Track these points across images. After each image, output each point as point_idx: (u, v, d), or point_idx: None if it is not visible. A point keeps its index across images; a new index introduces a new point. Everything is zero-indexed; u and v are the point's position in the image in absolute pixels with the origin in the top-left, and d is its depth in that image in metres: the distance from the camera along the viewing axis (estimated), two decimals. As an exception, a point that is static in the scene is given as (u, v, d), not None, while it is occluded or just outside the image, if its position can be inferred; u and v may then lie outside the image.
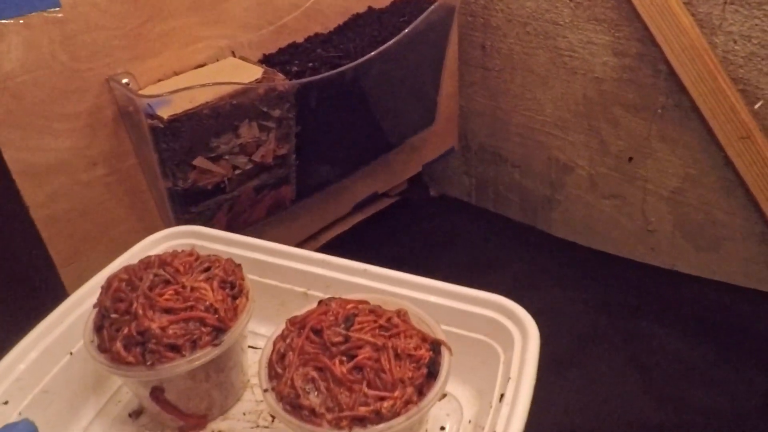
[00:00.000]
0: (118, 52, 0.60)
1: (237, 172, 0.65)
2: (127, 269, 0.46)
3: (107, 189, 0.64)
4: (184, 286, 0.44)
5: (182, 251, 0.48)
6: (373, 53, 0.67)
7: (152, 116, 0.56)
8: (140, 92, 0.60)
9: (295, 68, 0.67)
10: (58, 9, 0.54)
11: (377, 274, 0.52)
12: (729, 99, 0.77)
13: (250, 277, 0.50)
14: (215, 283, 0.45)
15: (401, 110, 0.82)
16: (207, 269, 0.46)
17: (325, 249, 0.95)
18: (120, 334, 0.43)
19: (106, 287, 0.46)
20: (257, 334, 0.54)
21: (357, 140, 0.78)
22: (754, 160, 0.79)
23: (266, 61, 0.69)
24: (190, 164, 0.61)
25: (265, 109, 0.63)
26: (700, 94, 0.79)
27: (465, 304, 0.48)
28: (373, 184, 0.93)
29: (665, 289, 0.94)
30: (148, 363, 0.42)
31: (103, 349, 0.44)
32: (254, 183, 0.68)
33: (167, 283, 0.44)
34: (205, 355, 0.43)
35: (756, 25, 0.74)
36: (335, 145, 0.75)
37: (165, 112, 0.56)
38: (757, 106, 0.77)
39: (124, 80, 0.59)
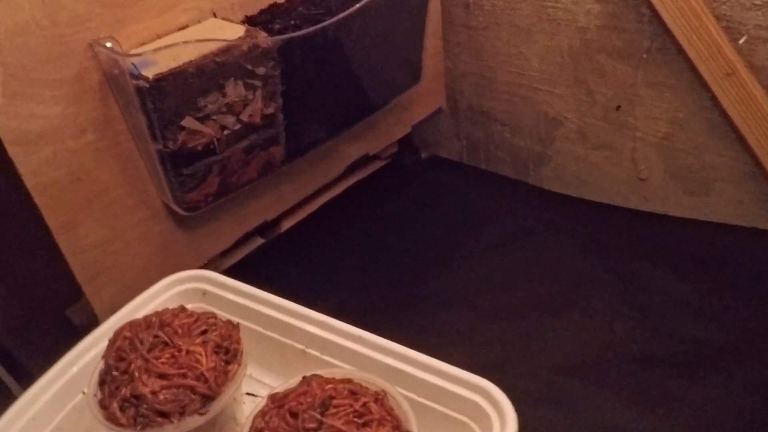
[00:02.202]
0: (100, 17, 0.60)
1: (226, 132, 0.66)
2: (132, 326, 0.51)
3: (98, 155, 0.64)
4: (180, 350, 0.48)
5: (183, 311, 0.52)
6: (354, 8, 0.67)
7: (137, 77, 0.57)
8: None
9: (277, 26, 0.67)
10: (36, -28, 0.54)
11: (371, 342, 0.54)
12: (713, 36, 0.77)
13: (253, 327, 0.55)
14: (210, 349, 0.49)
15: (385, 68, 0.82)
16: (204, 332, 0.50)
17: (319, 214, 0.96)
18: (118, 393, 0.47)
19: (112, 341, 0.50)
20: (258, 381, 0.58)
21: (343, 98, 0.78)
22: (740, 97, 0.79)
23: (248, 21, 0.69)
24: (179, 125, 0.62)
25: (249, 67, 0.63)
26: (683, 33, 0.79)
27: (450, 383, 0.51)
28: (363, 145, 0.93)
29: (658, 232, 0.95)
30: (138, 427, 0.45)
31: (102, 405, 0.48)
32: (244, 143, 0.68)
33: (165, 345, 0.48)
34: (192, 422, 0.46)
35: (736, -41, 0.74)
36: (322, 104, 0.75)
37: (150, 72, 0.57)
38: (741, 41, 0.78)
39: (108, 44, 0.59)
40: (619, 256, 0.87)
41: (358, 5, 0.68)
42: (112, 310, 0.72)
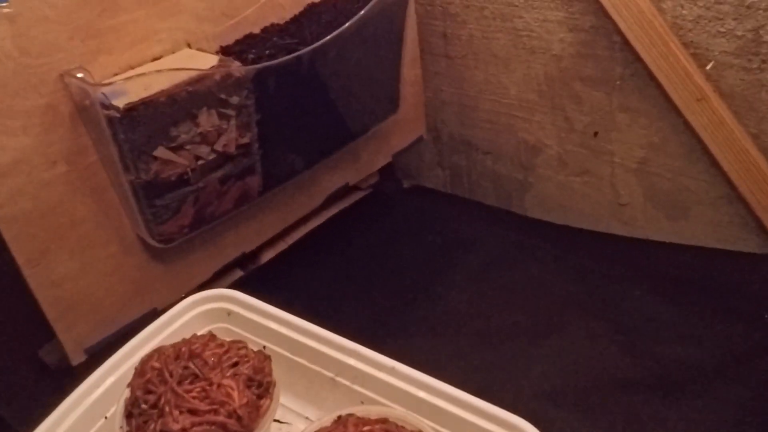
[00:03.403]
0: (71, 48, 0.60)
1: (200, 162, 0.66)
2: (161, 355, 0.48)
3: (69, 187, 0.64)
4: (211, 383, 0.46)
5: (212, 340, 0.50)
6: (328, 37, 0.67)
7: (108, 107, 0.57)
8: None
9: (251, 56, 0.67)
10: (6, 3, 0.54)
11: (404, 374, 0.52)
12: (682, 63, 0.79)
13: (280, 351, 0.52)
14: (242, 383, 0.47)
15: (362, 97, 0.83)
16: (235, 364, 0.48)
17: (299, 244, 0.95)
18: (147, 428, 0.44)
19: (140, 371, 0.48)
20: (285, 407, 0.55)
21: (320, 128, 0.78)
22: (711, 121, 0.80)
23: (223, 52, 0.70)
24: (151, 155, 0.61)
25: (223, 96, 0.63)
26: (653, 60, 0.80)
27: (485, 421, 0.49)
28: (343, 175, 0.93)
29: (639, 256, 0.95)
30: (168, 464, 0.43)
31: (129, 439, 0.46)
32: (219, 173, 0.68)
33: (196, 377, 0.46)
34: (223, 461, 0.44)
35: (700, -13, 0.76)
36: (298, 133, 0.75)
37: (121, 102, 0.56)
38: (708, 67, 0.79)
39: (79, 75, 0.59)
40: (601, 281, 0.87)
41: (331, 35, 0.68)
42: (84, 348, 0.70)
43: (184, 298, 0.75)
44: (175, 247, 0.72)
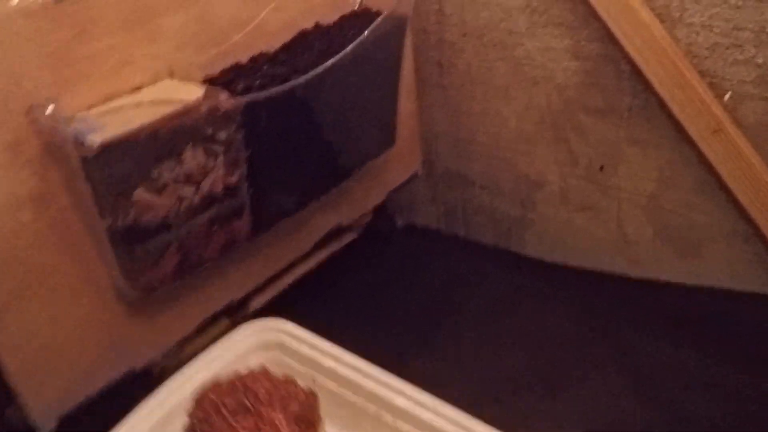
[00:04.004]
0: (40, 77, 0.53)
1: (184, 204, 0.59)
2: (216, 387, 0.52)
3: (37, 234, 0.56)
4: (262, 418, 0.49)
5: (265, 375, 0.53)
6: (324, 66, 0.62)
7: (81, 144, 0.50)
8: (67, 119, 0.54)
9: (240, 86, 0.61)
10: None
11: (450, 416, 0.52)
12: (698, 92, 0.74)
13: (326, 382, 0.55)
14: (291, 420, 0.49)
15: (358, 130, 0.77)
16: (286, 401, 0.51)
17: (290, 291, 0.88)
18: None
19: (199, 401, 0.52)
20: None
21: (314, 164, 0.72)
22: (729, 154, 0.76)
23: (209, 82, 0.63)
24: (130, 198, 0.54)
25: (210, 132, 0.57)
26: (667, 90, 0.76)
27: None
28: (335, 216, 0.87)
29: (650, 298, 0.91)
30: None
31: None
32: (204, 216, 0.61)
33: (248, 412, 0.49)
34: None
35: (716, 14, 0.73)
36: (290, 170, 0.69)
37: (96, 139, 0.50)
38: (726, 98, 0.75)
39: (49, 108, 0.52)
40: (613, 326, 0.82)
41: (328, 63, 0.63)
42: (53, 412, 0.62)
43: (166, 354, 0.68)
44: (156, 298, 0.65)
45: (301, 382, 0.53)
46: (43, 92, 0.53)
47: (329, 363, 0.57)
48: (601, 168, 0.91)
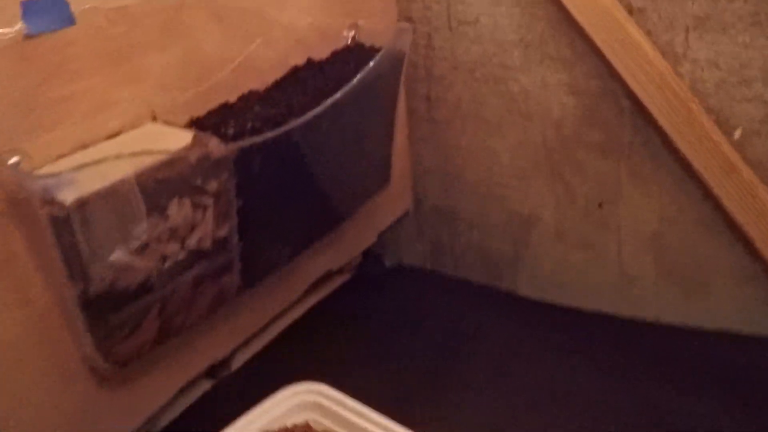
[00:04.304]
0: (4, 122, 0.46)
1: (168, 263, 0.52)
2: None
3: (-7, 305, 0.49)
4: None
5: (309, 429, 0.57)
6: (323, 106, 0.56)
7: (50, 202, 0.43)
8: (34, 172, 0.46)
9: (231, 130, 0.55)
10: None
11: None
12: (706, 130, 0.72)
13: None
14: None
15: (355, 171, 0.71)
16: None
17: (276, 343, 0.81)
18: None
19: None
20: None
21: (309, 210, 0.66)
22: (741, 193, 0.73)
23: (195, 125, 0.57)
24: (107, 260, 0.47)
25: (199, 182, 0.50)
26: (674, 127, 0.73)
27: None
28: (326, 261, 0.80)
29: (655, 342, 0.86)
30: None
31: None
32: (190, 275, 0.54)
33: None
34: None
35: (723, 51, 0.70)
36: (285, 219, 0.63)
37: (69, 195, 0.43)
38: (736, 135, 0.72)
39: (13, 159, 0.45)
40: (625, 375, 0.78)
41: (326, 103, 0.57)
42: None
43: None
44: (131, 368, 0.57)
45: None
46: (7, 140, 0.46)
47: (364, 424, 0.58)
48: (600, 205, 0.88)
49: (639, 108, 0.77)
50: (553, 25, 0.80)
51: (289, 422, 0.59)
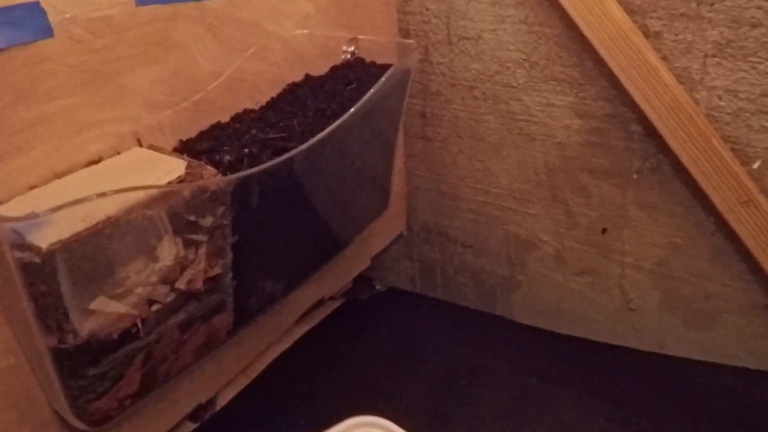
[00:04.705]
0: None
1: (155, 308, 0.46)
2: None
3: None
4: None
5: None
6: (327, 130, 0.50)
7: (22, 247, 0.36)
8: (2, 206, 0.40)
9: (227, 157, 0.49)
10: None
11: None
12: (724, 160, 0.68)
13: None
14: None
15: (355, 197, 0.66)
16: None
17: (263, 377, 0.75)
18: None
19: None
20: None
21: (307, 241, 0.61)
22: (759, 227, 0.70)
23: (185, 148, 0.51)
24: (86, 308, 0.41)
25: (192, 218, 0.44)
26: (689, 156, 0.70)
27: None
28: (319, 289, 0.75)
29: (657, 373, 0.83)
30: None
31: None
32: (179, 318, 0.48)
33: None
34: None
35: (742, 78, 0.67)
36: (282, 252, 0.57)
37: (43, 239, 0.36)
38: (755, 166, 0.69)
39: (-26, 194, 0.38)
40: (619, 406, 0.74)
41: (336, 123, 0.52)
42: None
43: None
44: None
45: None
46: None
47: None
48: (604, 231, 0.84)
49: (650, 134, 0.74)
50: (561, 44, 0.76)
51: None
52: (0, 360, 0.44)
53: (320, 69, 0.64)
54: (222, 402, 0.71)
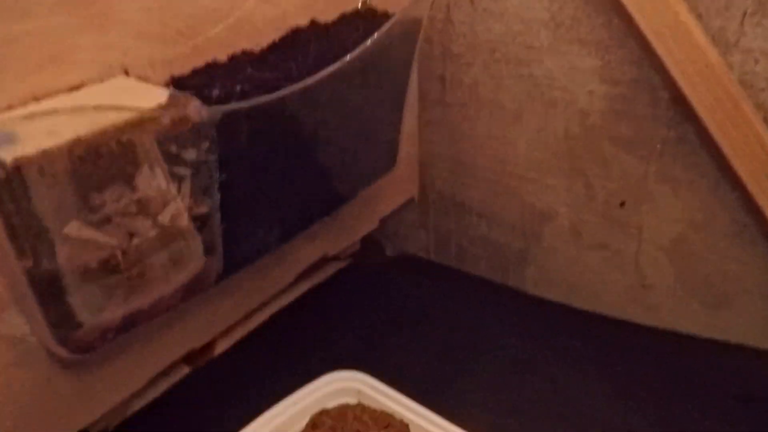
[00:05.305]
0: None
1: (135, 241, 0.45)
2: (329, 414, 0.58)
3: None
4: None
5: (365, 408, 0.59)
6: (324, 72, 0.49)
7: (-11, 161, 0.36)
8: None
9: (216, 92, 0.48)
10: None
11: None
12: (755, 129, 0.64)
13: None
14: None
15: (357, 150, 0.64)
16: (386, 427, 0.57)
17: (261, 330, 0.75)
18: None
19: (312, 425, 0.57)
20: None
21: (303, 189, 0.59)
22: (786, 201, 0.65)
23: (175, 84, 0.50)
24: (60, 232, 0.41)
25: (174, 149, 0.43)
26: (719, 125, 0.66)
27: None
28: (321, 246, 0.73)
29: (669, 351, 0.80)
30: None
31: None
32: (162, 256, 0.48)
33: None
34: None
35: (782, 40, 0.62)
36: (274, 199, 0.56)
37: (7, 153, 0.36)
38: (789, 137, 0.65)
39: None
40: (632, 383, 0.71)
41: (327, 70, 0.50)
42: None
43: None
44: (96, 355, 0.51)
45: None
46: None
47: (404, 412, 0.60)
48: (622, 204, 0.81)
49: (678, 101, 0.70)
50: (589, 1, 0.72)
51: (329, 405, 0.60)
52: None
53: (328, 15, 0.62)
54: (219, 349, 0.71)
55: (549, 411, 0.67)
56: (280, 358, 0.73)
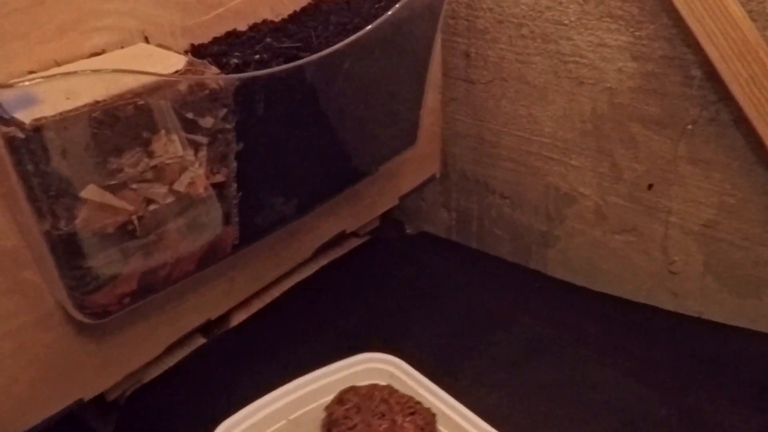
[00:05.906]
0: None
1: (152, 207, 0.45)
2: (356, 392, 0.58)
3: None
4: (395, 422, 0.55)
5: (394, 391, 0.59)
6: (344, 42, 0.48)
7: (7, 121, 0.36)
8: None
9: (234, 61, 0.47)
10: None
11: None
12: (791, 109, 0.62)
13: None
14: (417, 428, 0.55)
15: (377, 124, 0.63)
16: (412, 413, 0.56)
17: (278, 303, 0.75)
18: None
19: (338, 401, 0.57)
20: None
21: (321, 163, 0.59)
22: (823, 186, 0.63)
23: (195, 52, 0.50)
24: (78, 196, 0.41)
25: (191, 116, 0.43)
26: (754, 105, 0.63)
27: None
28: (339, 221, 0.73)
29: (695, 340, 0.78)
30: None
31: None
32: (179, 223, 0.48)
33: (383, 416, 0.55)
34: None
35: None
36: (292, 170, 0.56)
37: (28, 115, 0.36)
38: (827, 118, 0.62)
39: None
40: (655, 371, 0.69)
41: (347, 40, 0.49)
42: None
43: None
44: (113, 320, 0.51)
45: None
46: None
47: (433, 400, 0.59)
48: (650, 187, 0.79)
49: (711, 79, 0.67)
50: (619, -25, 0.70)
51: (360, 383, 0.60)
52: (3, 248, 0.45)
53: (351, -14, 0.61)
54: (235, 321, 0.71)
55: (563, 393, 0.66)
56: (295, 332, 0.73)
